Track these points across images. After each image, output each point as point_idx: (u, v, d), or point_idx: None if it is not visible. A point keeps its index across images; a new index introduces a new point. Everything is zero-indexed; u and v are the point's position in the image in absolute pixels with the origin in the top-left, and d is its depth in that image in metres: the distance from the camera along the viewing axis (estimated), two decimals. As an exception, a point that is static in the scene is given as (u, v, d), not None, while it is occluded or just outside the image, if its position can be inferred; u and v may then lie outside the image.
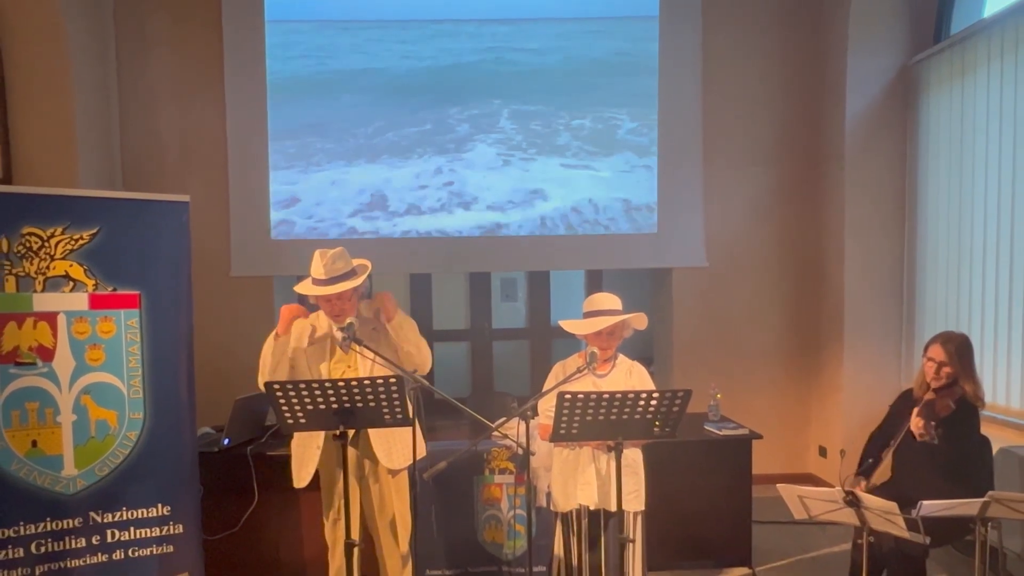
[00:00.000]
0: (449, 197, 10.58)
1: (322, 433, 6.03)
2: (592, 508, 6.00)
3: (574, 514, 6.09)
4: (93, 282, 6.21)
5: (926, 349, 6.72)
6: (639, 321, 6.09)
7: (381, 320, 6.15)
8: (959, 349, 6.53)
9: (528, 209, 10.62)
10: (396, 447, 6.16)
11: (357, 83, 10.48)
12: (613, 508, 5.71)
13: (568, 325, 6.13)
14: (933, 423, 6.27)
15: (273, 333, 6.07)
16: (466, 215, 10.60)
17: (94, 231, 6.21)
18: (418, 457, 6.13)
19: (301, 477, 6.24)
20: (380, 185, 10.52)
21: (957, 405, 6.38)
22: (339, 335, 5.85)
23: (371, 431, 6.09)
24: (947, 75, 9.23)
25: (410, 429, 6.07)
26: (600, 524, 6.00)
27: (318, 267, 5.94)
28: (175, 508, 6.52)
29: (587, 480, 5.97)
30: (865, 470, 6.77)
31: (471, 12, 10.54)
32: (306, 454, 6.19)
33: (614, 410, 5.28)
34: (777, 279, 10.96)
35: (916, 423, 6.28)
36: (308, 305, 6.37)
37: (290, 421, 5.38)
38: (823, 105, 10.61)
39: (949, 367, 6.49)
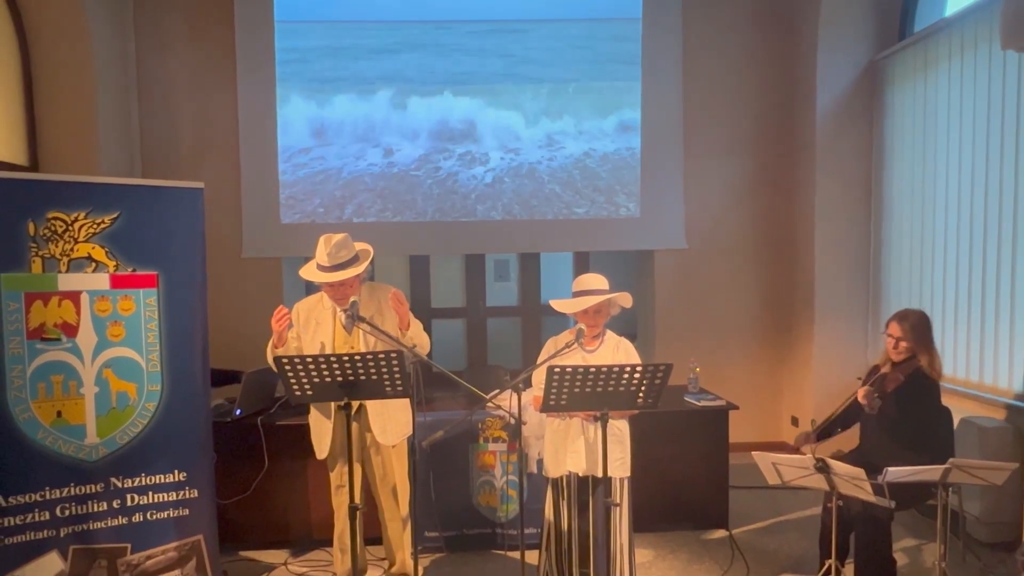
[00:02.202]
0: (446, 183, 10.59)
1: (334, 410, 6.05)
2: (581, 475, 6.02)
3: (564, 480, 6.11)
4: (114, 263, 6.19)
5: (886, 326, 6.72)
6: (624, 300, 6.07)
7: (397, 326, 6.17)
8: (915, 325, 6.53)
9: (518, 194, 10.61)
10: (390, 424, 6.21)
11: (359, 78, 10.46)
12: (600, 474, 5.73)
13: (557, 304, 6.12)
14: (876, 395, 6.27)
15: (271, 345, 6.07)
16: (463, 199, 10.61)
17: (115, 216, 6.18)
18: (407, 435, 6.25)
19: (321, 449, 6.30)
20: (382, 172, 10.52)
21: (908, 378, 6.38)
22: (343, 315, 5.85)
23: (369, 410, 6.13)
24: (911, 70, 9.23)
25: (403, 410, 6.20)
26: (588, 489, 6.02)
27: (322, 254, 5.93)
28: (191, 474, 6.51)
29: (576, 449, 5.97)
30: (818, 434, 6.78)
31: (468, 14, 10.52)
32: (323, 429, 6.23)
33: (600, 383, 5.27)
34: (752, 260, 10.97)
35: (861, 394, 6.30)
36: (313, 288, 6.37)
37: (298, 393, 5.38)
38: (795, 98, 10.61)
39: (906, 342, 6.49)
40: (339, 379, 5.29)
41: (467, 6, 10.56)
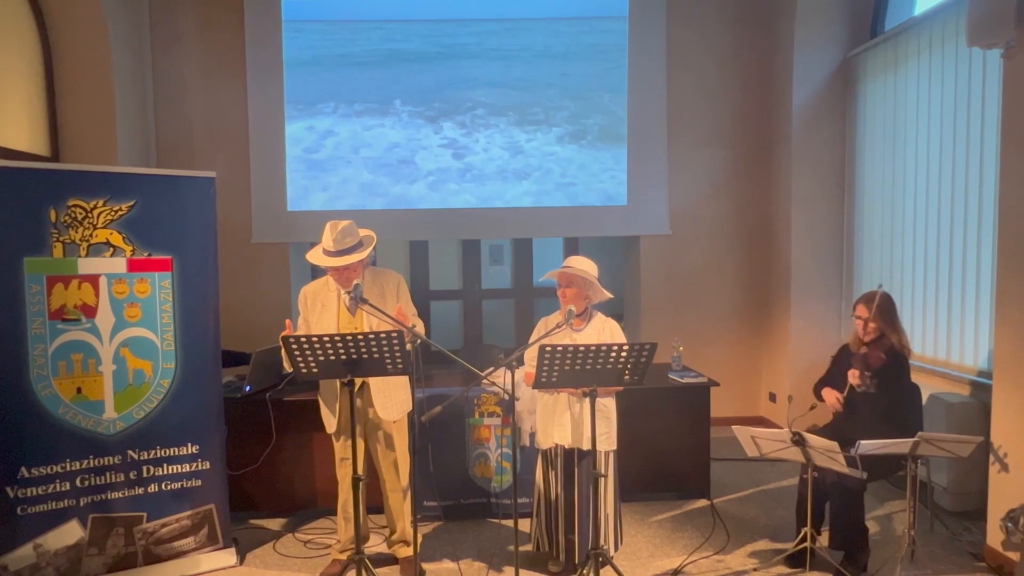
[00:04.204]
0: (444, 172, 10.59)
1: (338, 387, 6.05)
2: (567, 447, 6.07)
3: (552, 451, 6.16)
4: (131, 248, 6.19)
5: (854, 309, 6.69)
6: (590, 267, 6.08)
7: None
8: (880, 306, 6.50)
9: (512, 183, 10.61)
10: (391, 401, 6.21)
11: (362, 74, 10.45)
12: (585, 447, 5.76)
13: (547, 275, 6.17)
14: (868, 374, 6.27)
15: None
16: (460, 187, 10.60)
17: (131, 203, 6.19)
18: (407, 410, 6.29)
19: (330, 424, 6.29)
20: (385, 161, 10.52)
21: (888, 356, 6.38)
22: (347, 298, 5.85)
23: (372, 387, 6.14)
24: (881, 66, 9.21)
25: (403, 387, 6.25)
26: (574, 461, 6.05)
27: (328, 239, 5.91)
28: (203, 447, 6.53)
29: (563, 423, 6.02)
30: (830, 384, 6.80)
31: (465, 12, 10.52)
32: (331, 405, 6.22)
33: (589, 361, 5.27)
34: (732, 245, 10.97)
35: (853, 376, 6.29)
36: (319, 272, 6.36)
37: (304, 370, 5.38)
38: (773, 92, 10.59)
39: (874, 323, 6.48)
40: (343, 357, 5.30)
41: (463, 5, 10.54)
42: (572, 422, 6.00)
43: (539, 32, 10.61)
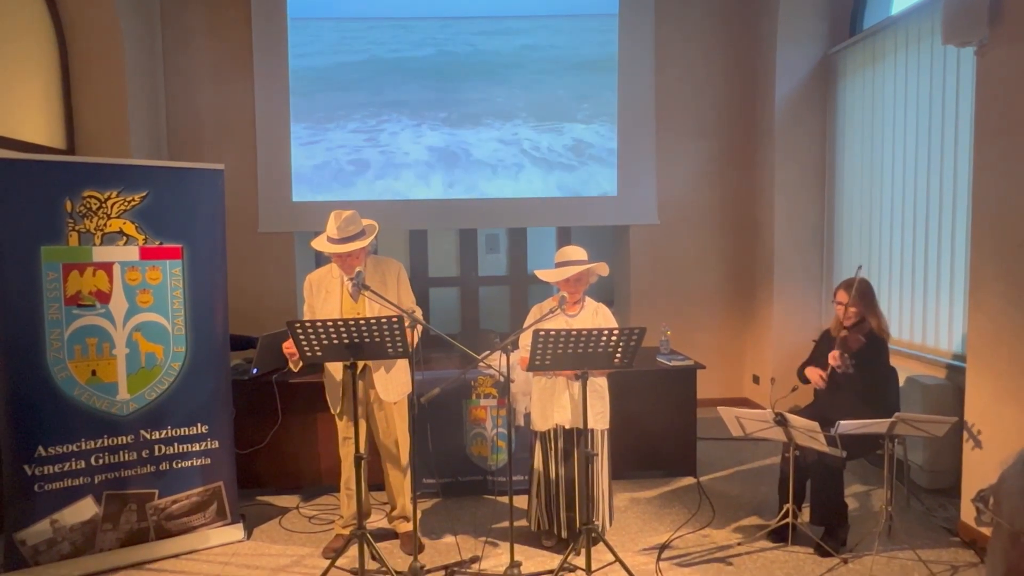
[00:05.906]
0: (443, 165, 10.58)
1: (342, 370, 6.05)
2: (567, 427, 6.08)
3: (551, 433, 6.15)
4: (143, 237, 6.19)
5: (834, 295, 6.70)
6: (601, 269, 6.11)
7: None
8: (860, 291, 6.50)
9: (508, 175, 10.61)
10: (392, 384, 6.24)
11: (364, 70, 10.44)
12: (583, 427, 5.74)
13: (542, 274, 6.15)
14: (847, 355, 6.28)
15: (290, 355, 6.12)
16: (458, 180, 10.60)
17: (144, 194, 6.19)
18: (407, 392, 6.28)
19: (335, 405, 6.33)
20: (385, 155, 10.51)
21: (867, 339, 6.39)
22: (349, 284, 5.87)
23: (373, 370, 6.17)
24: (860, 63, 9.21)
25: (403, 370, 6.27)
26: (573, 440, 6.06)
27: (332, 228, 5.94)
28: (212, 427, 6.53)
29: (563, 404, 6.03)
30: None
31: (464, 11, 10.52)
32: (336, 387, 6.26)
33: (581, 344, 5.28)
34: (717, 234, 10.96)
35: (833, 357, 6.30)
36: (323, 259, 6.38)
37: (308, 354, 5.41)
38: (757, 88, 10.58)
39: (855, 307, 6.48)
40: (345, 341, 5.32)
41: (462, 5, 10.54)
42: (572, 402, 6.00)
43: (532, 30, 10.59)
